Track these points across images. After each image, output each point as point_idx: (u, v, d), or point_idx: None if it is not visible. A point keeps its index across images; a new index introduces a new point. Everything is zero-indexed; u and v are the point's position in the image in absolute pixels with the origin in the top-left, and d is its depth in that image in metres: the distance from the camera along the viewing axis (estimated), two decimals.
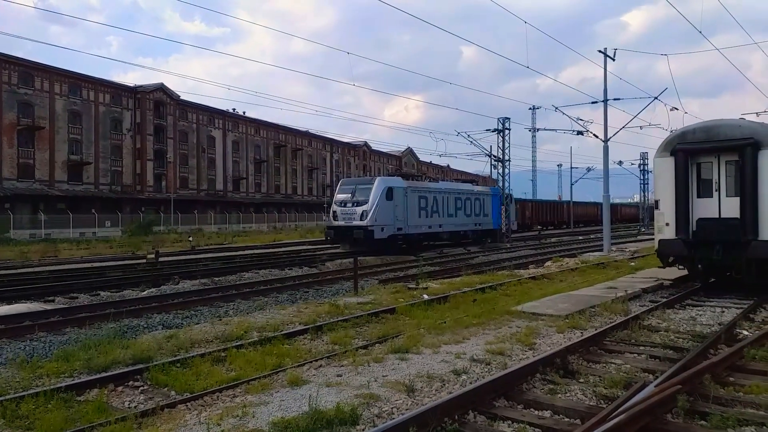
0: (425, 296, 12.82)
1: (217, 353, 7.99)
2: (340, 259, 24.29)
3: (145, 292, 15.54)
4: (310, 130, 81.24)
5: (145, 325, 11.28)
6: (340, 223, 27.73)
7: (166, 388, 6.79)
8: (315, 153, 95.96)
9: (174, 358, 7.76)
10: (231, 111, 79.86)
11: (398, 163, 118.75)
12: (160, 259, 22.67)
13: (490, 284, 14.71)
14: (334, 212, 28.20)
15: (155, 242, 36.70)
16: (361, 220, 27.12)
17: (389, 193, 28.08)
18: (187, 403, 6.21)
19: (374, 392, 6.11)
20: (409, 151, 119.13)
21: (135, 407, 6.23)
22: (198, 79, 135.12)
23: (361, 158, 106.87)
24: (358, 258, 16.43)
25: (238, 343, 8.50)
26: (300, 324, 10.14)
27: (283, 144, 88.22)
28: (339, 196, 28.70)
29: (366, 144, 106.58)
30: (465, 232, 34.58)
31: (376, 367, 7.18)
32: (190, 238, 38.83)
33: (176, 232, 50.99)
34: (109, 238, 43.88)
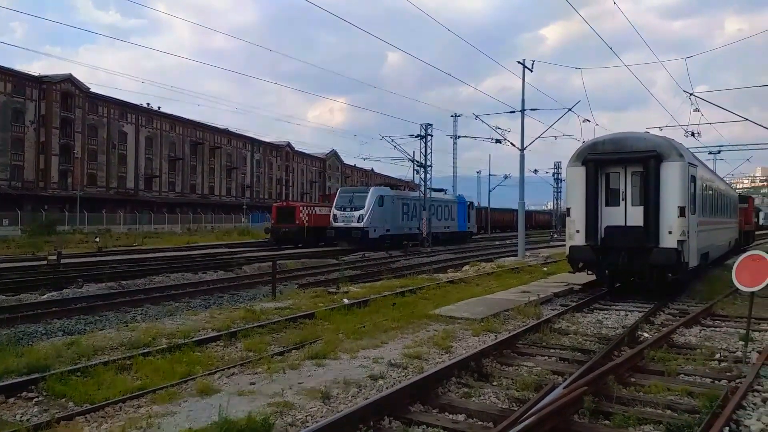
0: (345, 300, 12.75)
1: (122, 361, 7.59)
2: (258, 262, 23.85)
3: (44, 296, 14.59)
4: (229, 128, 79.42)
5: (44, 331, 10.59)
6: (340, 224, 33.58)
7: (63, 399, 6.37)
8: (235, 152, 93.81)
9: (74, 367, 7.30)
10: (145, 105, 76.59)
11: (322, 165, 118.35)
12: (63, 260, 21.38)
13: (409, 288, 14.86)
14: (335, 215, 34.34)
15: (58, 243, 34.55)
16: (358, 222, 32.92)
17: (381, 200, 34.06)
18: (87, 415, 5.84)
19: (289, 400, 5.99)
20: (334, 154, 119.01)
21: (27, 420, 5.79)
22: (110, 71, 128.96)
23: (283, 159, 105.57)
24: (279, 261, 16.16)
25: (145, 351, 8.12)
26: (213, 330, 9.83)
27: (201, 141, 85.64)
28: (338, 202, 34.60)
29: (289, 145, 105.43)
30: (437, 234, 39.60)
31: (292, 374, 7.06)
32: (97, 239, 36.90)
33: (82, 233, 48.22)
34: (6, 237, 40.83)
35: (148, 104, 77.40)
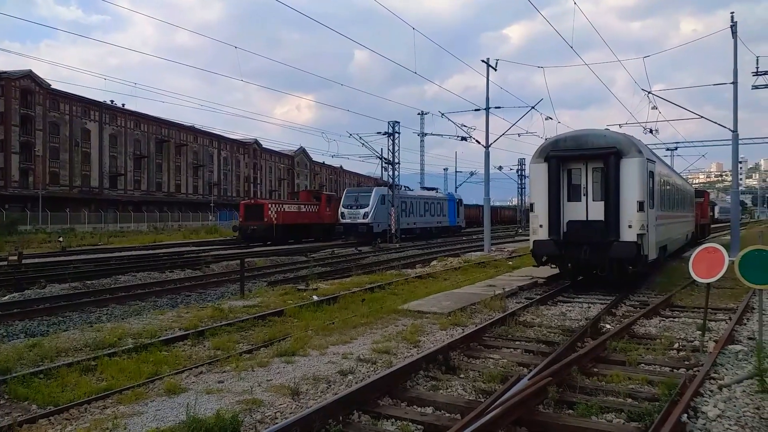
0: (315, 297, 12.72)
1: (86, 362, 7.42)
2: (226, 261, 23.58)
3: (5, 298, 14.15)
4: (195, 126, 78.00)
5: (5, 334, 10.29)
6: (348, 221, 37.80)
7: (26, 402, 6.18)
8: (201, 149, 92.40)
9: (36, 369, 7.11)
10: (109, 103, 74.81)
11: (290, 162, 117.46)
12: (25, 261, 20.76)
13: (378, 284, 14.88)
14: (342, 213, 38.36)
15: (20, 243, 33.53)
16: (363, 218, 37.18)
17: (383, 199, 38.27)
18: (50, 417, 5.68)
19: (257, 397, 5.94)
20: (302, 151, 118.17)
21: None
22: (73, 67, 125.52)
23: (251, 156, 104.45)
24: (248, 259, 16.00)
25: (110, 351, 7.96)
26: (180, 329, 9.69)
27: (166, 139, 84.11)
28: (345, 201, 38.72)
29: (256, 142, 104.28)
30: (430, 228, 45.10)
31: (261, 371, 6.99)
32: (61, 239, 35.92)
33: (45, 232, 46.88)
34: None
35: (112, 101, 75.67)
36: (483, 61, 27.31)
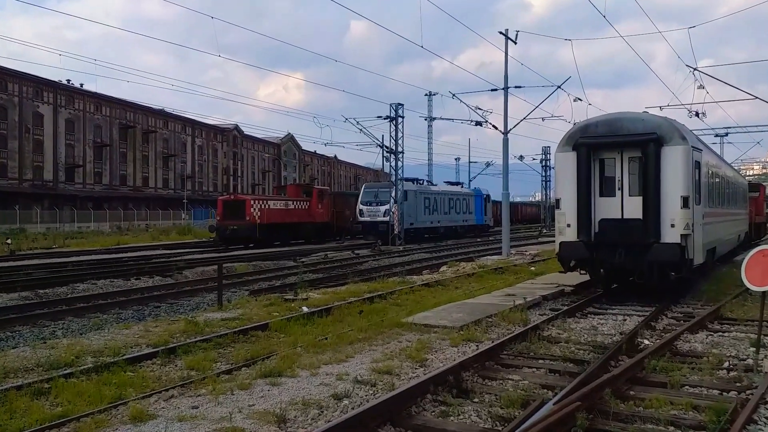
0: (305, 309, 12.74)
1: (39, 384, 7.44)
2: (202, 266, 23.61)
3: None
4: (166, 109, 78.08)
5: None
6: (366, 219, 40.06)
7: None
8: (172, 137, 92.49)
9: None
10: (65, 83, 74.86)
11: (276, 151, 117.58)
12: None
13: (379, 293, 14.89)
14: (360, 210, 40.83)
15: None
16: (384, 216, 39.02)
17: (405, 195, 39.48)
18: None
19: (237, 425, 5.95)
20: (290, 138, 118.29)
21: None
22: (23, 41, 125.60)
23: (231, 144, 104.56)
24: (226, 265, 16.02)
25: (67, 372, 7.98)
26: (148, 346, 9.71)
27: (132, 125, 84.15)
28: (364, 198, 41.16)
29: (237, 128, 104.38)
30: (455, 227, 47.61)
31: (242, 395, 7.01)
32: (8, 241, 35.98)
33: None
34: None
35: (69, 81, 75.68)
36: (501, 32, 27.31)
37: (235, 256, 28.51)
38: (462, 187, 53.30)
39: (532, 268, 21.38)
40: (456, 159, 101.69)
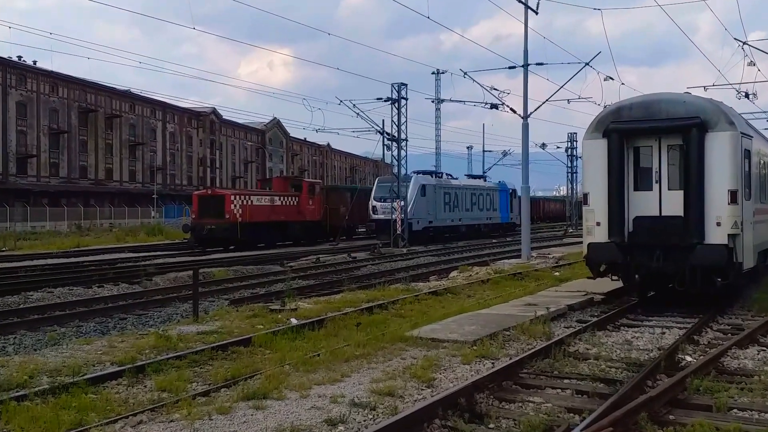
0: (293, 321, 12.77)
1: None
2: (175, 271, 23.62)
3: None
4: (132, 90, 78.14)
5: None
6: (380, 216, 40.64)
7: None
8: (140, 122, 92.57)
9: None
10: (15, 59, 74.83)
11: (260, 138, 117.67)
12: None
13: (379, 302, 14.91)
14: (374, 207, 41.72)
15: None
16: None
17: (423, 189, 41.55)
18: None
19: None
20: (276, 124, 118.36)
21: None
22: None
23: (208, 130, 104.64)
24: (203, 270, 16.03)
25: (19, 394, 7.99)
26: (113, 364, 9.73)
27: (93, 108, 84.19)
28: (377, 193, 42.00)
29: (215, 112, 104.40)
30: (479, 225, 49.38)
31: (221, 420, 7.02)
32: None
33: None
34: None
35: (20, 58, 75.58)
36: (520, 0, 27.27)
37: (213, 260, 28.51)
38: (485, 180, 54.26)
39: (556, 274, 21.38)
40: (468, 148, 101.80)
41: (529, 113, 28.20)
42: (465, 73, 31.17)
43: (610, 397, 7.34)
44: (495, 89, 32.57)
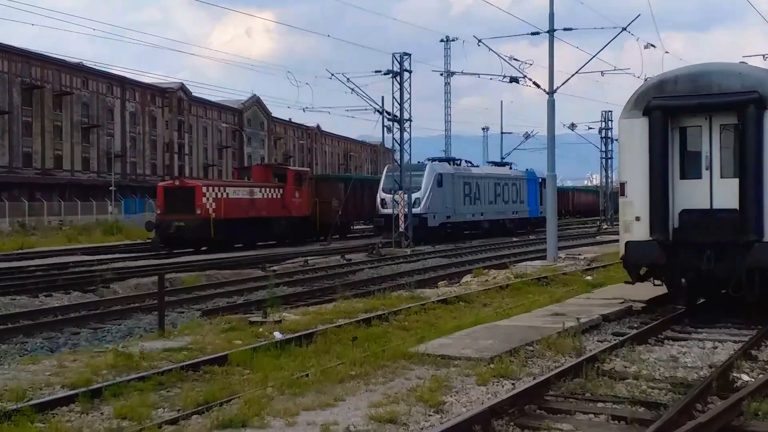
0: (277, 335, 12.76)
1: None
2: (136, 277, 23.62)
3: None
4: (85, 63, 78.11)
5: None
6: (390, 211, 39.72)
7: None
8: (95, 100, 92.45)
9: None
10: None
11: (238, 119, 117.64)
12: None
13: (379, 312, 14.93)
14: (383, 200, 42.31)
15: None
16: (414, 207, 39.79)
17: (440, 179, 42.40)
18: None
19: None
20: (255, 102, 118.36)
21: None
22: None
23: (175, 110, 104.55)
24: (170, 276, 16.03)
25: None
26: (64, 387, 9.70)
27: (39, 84, 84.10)
28: (386, 184, 42.20)
29: (183, 88, 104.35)
30: (503, 221, 50.18)
31: None
32: None
33: None
34: None
35: None
36: None
37: (182, 263, 28.51)
38: (511, 168, 54.75)
39: (588, 278, 21.37)
40: (484, 129, 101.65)
41: (555, 88, 28.18)
42: (479, 41, 31.07)
43: (652, 424, 7.33)
44: (515, 59, 32.49)
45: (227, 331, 13.56)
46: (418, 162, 42.94)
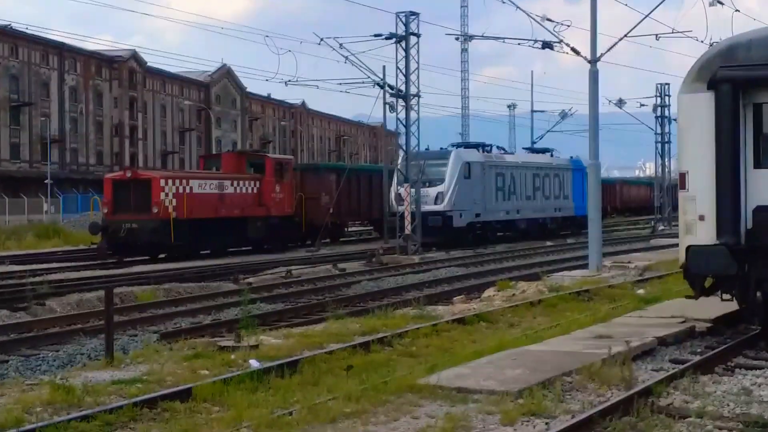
0: (254, 363, 12.74)
1: None
2: (78, 292, 23.57)
3: None
4: (14, 26, 78.12)
5: None
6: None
7: None
8: (26, 72, 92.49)
9: None
10: None
11: (204, 95, 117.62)
12: None
13: (380, 335, 14.94)
14: (398, 195, 41.17)
15: None
16: (435, 204, 41.29)
17: (468, 169, 42.95)
18: None
19: None
20: (226, 73, 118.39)
21: None
22: None
23: (125, 84, 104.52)
24: (121, 290, 16.02)
25: None
26: None
27: None
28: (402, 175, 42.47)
29: (135, 56, 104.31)
30: (544, 220, 51.26)
31: None
32: None
33: None
34: None
35: None
36: None
37: (135, 274, 28.47)
38: (552, 156, 55.08)
39: (640, 291, 21.33)
40: (509, 107, 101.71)
41: (599, 55, 28.14)
42: None
43: None
44: (549, 20, 32.45)
45: (191, 359, 13.55)
46: (441, 148, 42.98)
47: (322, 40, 38.61)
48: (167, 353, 14.30)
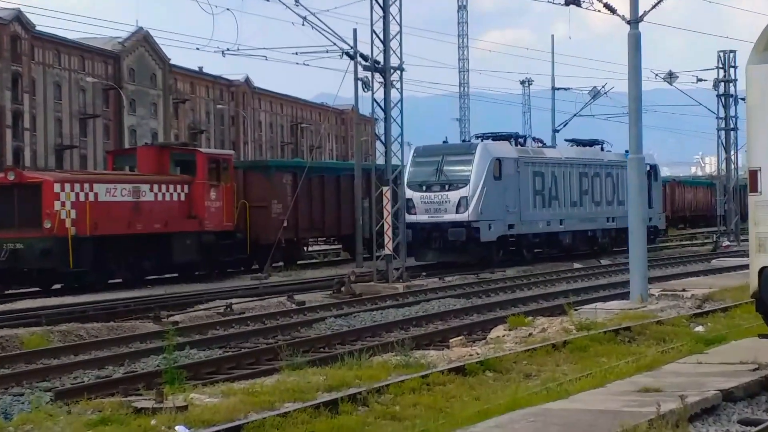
0: (181, 430, 12.74)
1: None
2: None
3: None
4: None
5: None
6: (423, 218, 42.85)
7: None
8: None
9: None
10: None
11: (113, 69, 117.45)
12: None
13: (352, 391, 14.89)
14: (411, 200, 42.87)
15: None
16: (457, 212, 42.52)
17: (498, 167, 43.98)
18: None
19: None
20: (143, 39, 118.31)
21: None
22: None
23: (6, 56, 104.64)
24: (8, 332, 16.02)
25: None
26: None
27: None
28: (414, 176, 44.10)
29: (20, 18, 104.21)
30: (594, 232, 52.24)
31: None
32: None
33: None
34: None
35: None
36: None
37: (20, 311, 28.41)
38: (602, 149, 55.98)
39: (699, 329, 21.43)
40: (522, 83, 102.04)
41: (641, 14, 28.28)
42: None
43: None
44: None
45: (96, 426, 13.52)
46: (463, 140, 43.15)
47: None
48: (64, 418, 14.22)
